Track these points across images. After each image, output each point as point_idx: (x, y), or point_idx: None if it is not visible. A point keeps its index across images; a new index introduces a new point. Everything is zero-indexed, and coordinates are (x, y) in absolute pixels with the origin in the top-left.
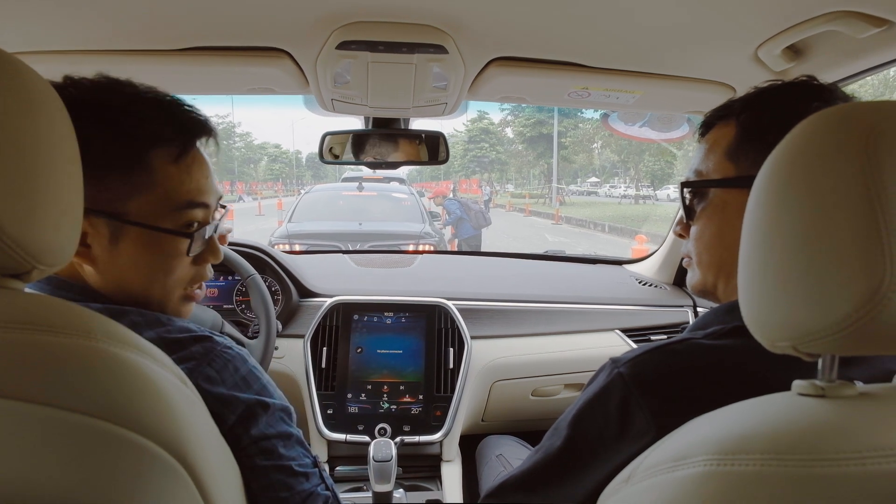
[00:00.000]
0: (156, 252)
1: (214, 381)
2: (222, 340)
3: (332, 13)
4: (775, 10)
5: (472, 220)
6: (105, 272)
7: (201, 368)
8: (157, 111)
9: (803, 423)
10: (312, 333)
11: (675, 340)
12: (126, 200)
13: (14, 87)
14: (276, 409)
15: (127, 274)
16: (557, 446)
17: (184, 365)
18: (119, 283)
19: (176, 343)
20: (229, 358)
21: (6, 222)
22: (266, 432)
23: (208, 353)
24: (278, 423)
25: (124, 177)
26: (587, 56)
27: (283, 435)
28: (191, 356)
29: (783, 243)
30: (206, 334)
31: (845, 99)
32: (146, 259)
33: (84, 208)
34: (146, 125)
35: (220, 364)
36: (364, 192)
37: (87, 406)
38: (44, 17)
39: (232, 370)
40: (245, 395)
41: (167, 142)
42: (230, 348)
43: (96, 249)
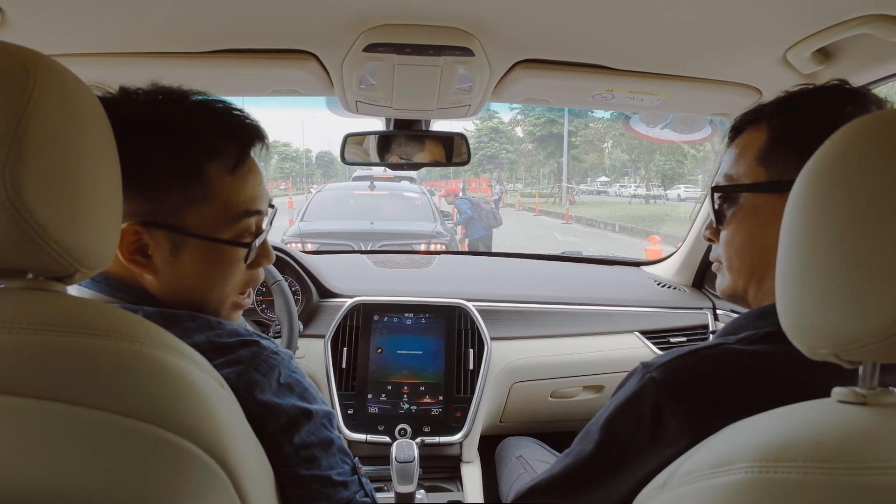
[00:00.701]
0: (215, 262)
1: (261, 386)
2: (269, 345)
3: (361, 16)
4: (806, 13)
5: (482, 220)
6: (165, 282)
7: (249, 373)
8: (212, 122)
9: (845, 430)
10: (333, 334)
11: (707, 345)
12: (185, 213)
13: (57, 91)
14: (318, 416)
15: (186, 283)
16: (589, 451)
17: (231, 369)
18: (177, 291)
19: (225, 347)
20: (276, 363)
21: (51, 227)
22: (307, 440)
23: (255, 357)
24: (320, 430)
25: (182, 190)
26: (613, 58)
27: (323, 442)
28: (238, 360)
29: (824, 249)
30: (254, 338)
31: (878, 103)
32: (205, 269)
33: (144, 221)
34: (202, 138)
35: (267, 368)
36: (375, 192)
37: (128, 408)
38: (75, 20)
39: (277, 375)
40: (289, 402)
41: (223, 153)
42: (277, 353)
43: (157, 260)
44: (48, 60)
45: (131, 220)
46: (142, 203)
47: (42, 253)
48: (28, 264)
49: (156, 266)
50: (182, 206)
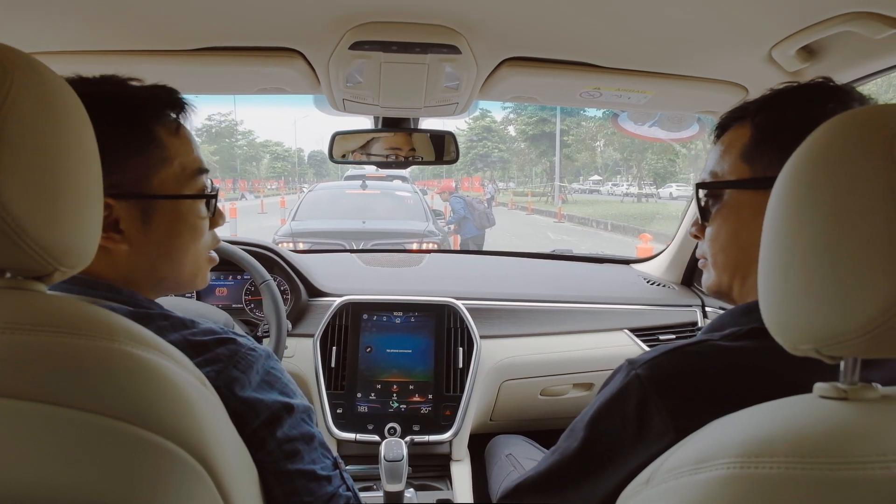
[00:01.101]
0: (184, 221)
1: (241, 382)
2: (245, 342)
3: (346, 13)
4: (791, 10)
5: (475, 220)
6: (141, 254)
7: (228, 371)
8: (147, 91)
9: (826, 425)
10: (322, 333)
11: (691, 342)
12: (150, 178)
13: (35, 88)
14: (299, 411)
15: (162, 249)
16: (574, 448)
17: (210, 367)
18: (154, 262)
19: (201, 345)
20: (254, 359)
21: (29, 225)
22: (290, 434)
23: (234, 355)
24: (301, 424)
25: (142, 157)
26: (600, 56)
27: (305, 436)
28: (217, 358)
29: (806, 246)
30: (231, 336)
31: (861, 100)
32: (177, 229)
33: (113, 194)
34: (146, 106)
35: (246, 365)
36: (367, 191)
37: (108, 408)
38: (57, 18)
39: (256, 371)
40: (270, 397)
41: (167, 117)
42: (254, 350)
43: (130, 232)
44: (26, 58)
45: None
46: (107, 177)
47: (20, 252)
48: (6, 264)
49: (130, 239)
50: (145, 172)
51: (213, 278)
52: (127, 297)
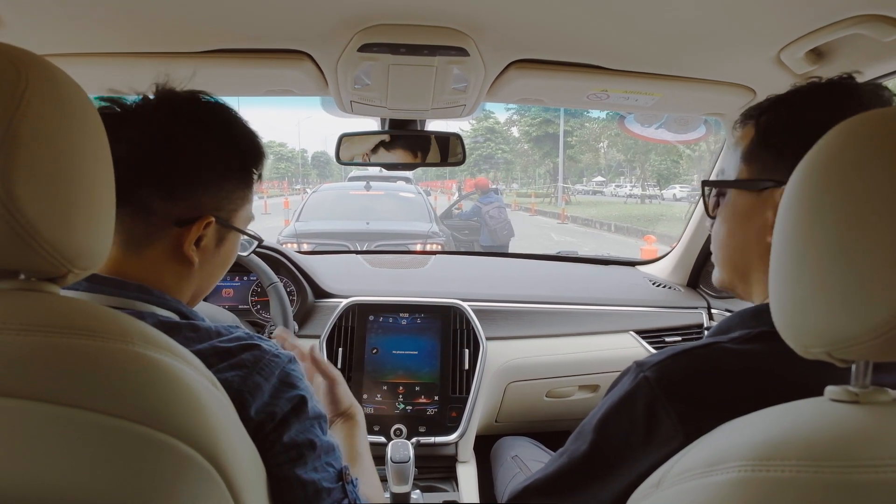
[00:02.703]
0: (234, 252)
1: (262, 389)
2: (270, 348)
3: (355, 16)
4: (800, 13)
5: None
6: (199, 270)
7: (252, 377)
8: (253, 134)
9: (838, 429)
10: (328, 334)
11: (700, 345)
12: (238, 211)
13: (49, 91)
14: (308, 417)
15: (212, 271)
16: (583, 450)
17: (234, 372)
18: (201, 281)
19: (227, 352)
20: (276, 365)
21: (43, 227)
22: (294, 440)
23: (258, 361)
24: (310, 430)
25: (240, 191)
26: (608, 58)
27: (310, 444)
28: (242, 364)
29: (818, 249)
30: (255, 342)
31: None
32: (229, 258)
33: (208, 215)
34: (253, 147)
35: (269, 372)
36: (371, 192)
37: (121, 409)
38: (69, 21)
39: (276, 375)
40: (284, 401)
41: (261, 165)
42: (278, 355)
43: (205, 251)
44: (40, 60)
45: (206, 213)
46: (211, 199)
47: (34, 254)
48: (20, 265)
49: (203, 255)
50: (237, 206)
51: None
52: (157, 297)
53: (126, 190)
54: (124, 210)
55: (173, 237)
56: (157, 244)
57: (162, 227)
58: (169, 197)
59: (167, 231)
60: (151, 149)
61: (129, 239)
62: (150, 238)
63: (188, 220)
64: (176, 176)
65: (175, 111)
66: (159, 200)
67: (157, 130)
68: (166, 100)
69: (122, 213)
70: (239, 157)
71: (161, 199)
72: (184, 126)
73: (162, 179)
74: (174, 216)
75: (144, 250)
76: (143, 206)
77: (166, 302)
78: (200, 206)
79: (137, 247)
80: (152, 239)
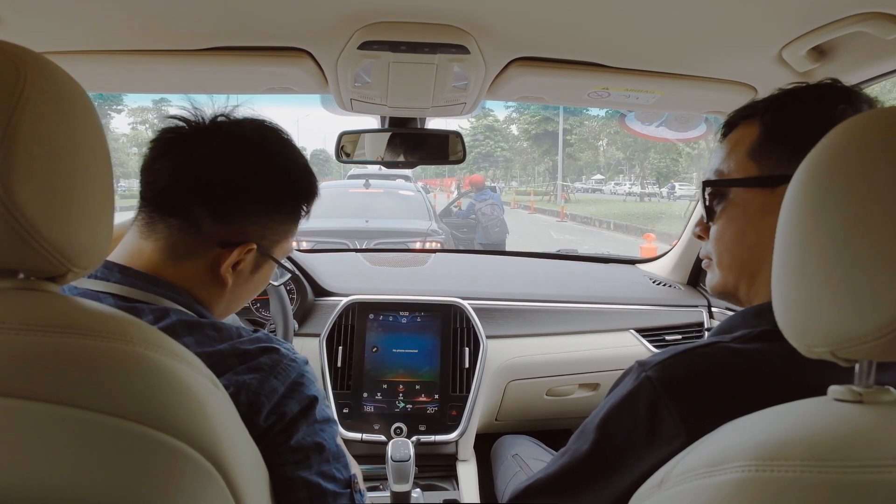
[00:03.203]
0: (265, 281)
1: (278, 392)
2: (287, 352)
3: (356, 13)
4: (802, 11)
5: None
6: (230, 291)
7: (269, 381)
8: (311, 172)
9: (842, 429)
10: (328, 332)
11: (702, 344)
12: (280, 243)
13: (48, 89)
14: (317, 420)
15: (242, 294)
16: (585, 450)
17: (252, 375)
18: (229, 301)
19: (246, 353)
20: (292, 369)
21: (42, 226)
22: (302, 443)
23: (276, 365)
24: (316, 434)
25: (285, 224)
26: (608, 56)
27: (317, 447)
28: (259, 367)
29: (822, 248)
30: (274, 345)
31: (870, 102)
32: (260, 285)
33: (252, 242)
34: (310, 184)
35: (285, 375)
36: (370, 189)
37: (121, 409)
38: (68, 18)
39: (291, 378)
40: (294, 402)
41: (310, 205)
42: (295, 360)
43: (240, 275)
44: (39, 58)
45: (250, 240)
46: (259, 228)
47: (34, 253)
48: (19, 264)
49: (236, 279)
50: (280, 238)
51: None
52: (184, 298)
53: (180, 203)
54: (174, 221)
55: (213, 256)
56: (198, 260)
57: (206, 245)
58: (219, 219)
59: (210, 250)
60: (212, 171)
61: (172, 248)
62: (192, 253)
63: (232, 244)
64: (230, 201)
65: (243, 141)
66: (209, 220)
67: (222, 155)
68: (236, 128)
69: (171, 223)
70: (292, 194)
71: (211, 220)
72: (248, 156)
73: (216, 201)
74: (220, 237)
75: (183, 262)
76: (193, 221)
77: (192, 304)
78: (247, 232)
79: (178, 257)
80: (194, 254)
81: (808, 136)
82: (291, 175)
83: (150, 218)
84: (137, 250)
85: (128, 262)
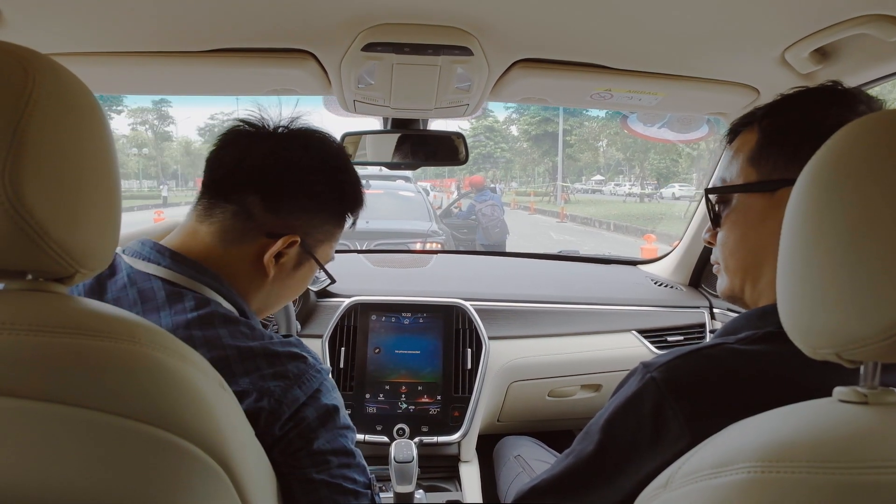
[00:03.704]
0: (305, 283)
1: (299, 400)
2: (314, 362)
3: (359, 15)
4: (805, 13)
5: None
6: (270, 284)
7: (293, 390)
8: (359, 183)
9: (847, 430)
10: (331, 333)
11: (707, 345)
12: (323, 244)
13: (55, 91)
14: (337, 427)
15: (282, 292)
16: (589, 451)
17: (277, 382)
18: (267, 297)
19: (275, 355)
20: (317, 380)
21: (51, 227)
22: (323, 448)
23: (302, 374)
24: (337, 440)
25: (330, 228)
26: (611, 58)
27: (339, 451)
28: (285, 374)
29: (827, 249)
30: (303, 353)
31: (868, 102)
32: (301, 286)
33: (296, 235)
34: (358, 194)
35: (308, 386)
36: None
37: (129, 410)
38: (72, 20)
39: (314, 389)
40: (313, 411)
41: (356, 214)
42: (320, 371)
43: (282, 268)
44: (47, 60)
45: (295, 233)
46: (304, 224)
47: (42, 254)
48: (28, 265)
49: (278, 273)
50: (324, 238)
51: None
52: (227, 291)
53: (237, 190)
54: (229, 207)
55: (260, 245)
56: (246, 247)
57: (255, 233)
58: (271, 208)
59: (258, 238)
60: (270, 163)
61: (224, 233)
62: (242, 239)
63: (278, 234)
64: (282, 193)
65: (303, 142)
66: (261, 209)
67: (281, 151)
68: (299, 132)
69: (227, 209)
70: (339, 198)
71: (263, 209)
72: (304, 156)
73: (269, 191)
74: (268, 227)
75: (232, 248)
76: (245, 209)
77: (233, 297)
78: (293, 226)
79: (229, 243)
80: (243, 241)
81: (803, 140)
82: (341, 181)
83: (210, 203)
84: (193, 232)
85: (180, 245)
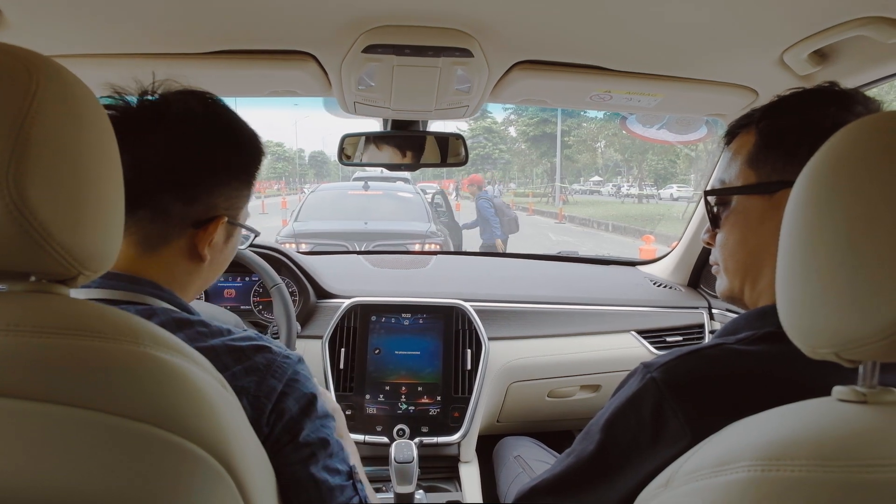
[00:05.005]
0: (235, 245)
1: (276, 391)
2: (279, 350)
3: (360, 17)
4: (804, 14)
5: (504, 227)
6: (209, 267)
7: (267, 381)
8: (256, 135)
9: (846, 429)
10: (331, 334)
11: (707, 345)
12: (242, 208)
13: (59, 92)
14: (318, 415)
15: (216, 267)
16: (590, 451)
17: (250, 378)
18: (207, 275)
19: (239, 351)
20: (287, 367)
21: (55, 229)
22: (307, 439)
23: (271, 364)
24: (319, 430)
25: (243, 188)
26: (611, 59)
27: (322, 442)
28: (254, 368)
29: (826, 249)
30: (265, 343)
31: (865, 103)
32: (232, 251)
33: (223, 215)
34: (258, 147)
35: (281, 374)
36: (369, 192)
37: (132, 410)
38: (74, 22)
39: (288, 377)
40: (292, 401)
41: (261, 163)
42: (288, 357)
43: (215, 248)
44: (50, 62)
45: (220, 214)
46: (224, 200)
47: (46, 256)
48: (31, 267)
49: (212, 254)
50: (242, 203)
51: (221, 280)
52: (168, 295)
53: (146, 194)
54: (143, 213)
55: (188, 237)
56: (174, 244)
57: (179, 228)
58: (188, 201)
59: (184, 232)
60: (172, 156)
61: (146, 240)
62: (167, 239)
63: (204, 222)
64: (195, 182)
65: (189, 116)
66: (178, 204)
67: (176, 137)
68: (183, 105)
69: (141, 215)
70: (245, 160)
71: (180, 203)
72: (199, 132)
73: (182, 185)
74: (192, 218)
75: (160, 250)
76: (162, 209)
77: (176, 300)
78: (215, 207)
79: (154, 247)
80: (169, 239)
81: (800, 141)
82: (241, 144)
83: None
84: None
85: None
